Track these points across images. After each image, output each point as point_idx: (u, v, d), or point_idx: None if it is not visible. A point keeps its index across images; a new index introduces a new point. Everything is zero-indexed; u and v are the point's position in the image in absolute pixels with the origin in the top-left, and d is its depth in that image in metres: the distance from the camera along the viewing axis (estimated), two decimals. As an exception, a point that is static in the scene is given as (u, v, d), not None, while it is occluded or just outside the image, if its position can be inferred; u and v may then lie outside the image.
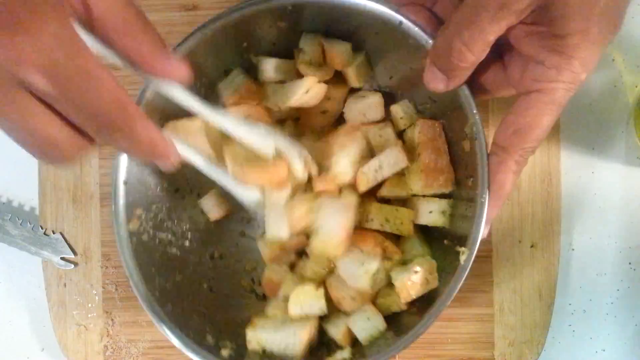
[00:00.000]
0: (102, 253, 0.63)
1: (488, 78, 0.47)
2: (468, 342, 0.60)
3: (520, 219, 0.60)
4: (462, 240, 0.49)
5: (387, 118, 0.57)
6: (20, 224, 0.64)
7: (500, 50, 0.45)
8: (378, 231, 0.54)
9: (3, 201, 0.65)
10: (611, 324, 0.61)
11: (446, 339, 0.61)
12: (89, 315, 0.63)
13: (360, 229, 0.54)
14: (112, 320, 0.63)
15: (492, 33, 0.40)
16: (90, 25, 0.35)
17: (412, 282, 0.51)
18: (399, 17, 0.49)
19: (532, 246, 0.60)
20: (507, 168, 0.44)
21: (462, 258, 0.48)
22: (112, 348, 0.63)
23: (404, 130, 0.56)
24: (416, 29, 0.49)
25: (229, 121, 0.47)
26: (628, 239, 0.61)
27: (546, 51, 0.40)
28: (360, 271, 0.51)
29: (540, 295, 0.60)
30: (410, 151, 0.53)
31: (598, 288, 0.61)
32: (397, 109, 0.56)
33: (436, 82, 0.45)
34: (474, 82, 0.47)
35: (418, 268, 0.51)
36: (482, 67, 0.45)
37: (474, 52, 0.41)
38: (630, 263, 0.61)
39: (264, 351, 0.53)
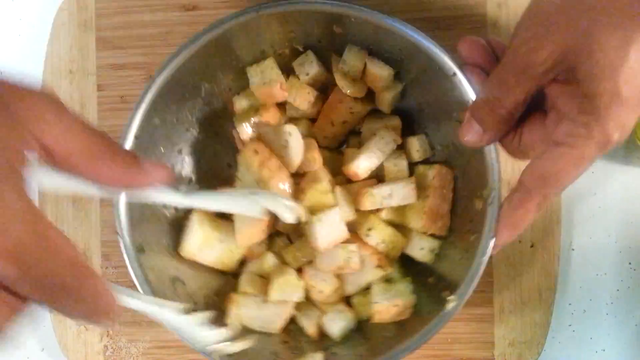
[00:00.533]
0: (102, 253, 0.63)
1: (529, 136, 0.47)
2: (468, 342, 0.60)
3: (520, 219, 0.60)
4: (449, 284, 0.52)
5: (402, 149, 0.58)
6: (20, 224, 0.64)
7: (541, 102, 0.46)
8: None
9: (3, 201, 0.65)
10: (611, 324, 0.61)
11: (446, 339, 0.61)
12: (89, 315, 0.63)
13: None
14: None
15: (520, 93, 0.42)
16: (56, 164, 0.34)
17: (388, 311, 0.54)
18: (454, 68, 0.50)
19: (532, 246, 0.60)
20: (528, 207, 0.46)
21: (450, 305, 0.50)
22: (112, 348, 0.63)
23: (416, 163, 0.57)
24: (466, 83, 0.49)
25: (210, 200, 0.49)
26: (628, 239, 0.61)
27: (578, 110, 0.41)
28: (339, 250, 0.54)
29: (540, 295, 0.60)
30: (418, 187, 0.55)
31: (598, 288, 0.61)
32: (413, 142, 0.57)
33: (472, 134, 0.46)
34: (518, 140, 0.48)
35: (399, 302, 0.54)
36: (525, 126, 0.46)
37: (507, 108, 0.43)
38: (630, 263, 0.61)
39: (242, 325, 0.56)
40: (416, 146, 0.57)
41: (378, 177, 0.57)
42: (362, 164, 0.55)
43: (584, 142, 0.41)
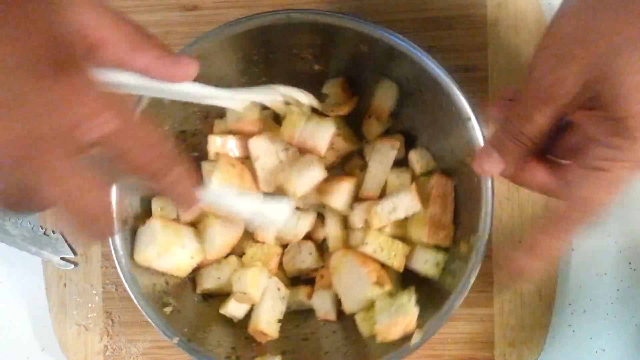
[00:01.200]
0: (102, 253, 0.63)
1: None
2: (468, 342, 0.60)
3: (520, 219, 0.60)
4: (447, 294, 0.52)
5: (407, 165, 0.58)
6: (20, 224, 0.64)
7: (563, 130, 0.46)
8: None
9: (3, 201, 0.65)
10: (611, 324, 0.61)
11: (446, 339, 0.61)
12: (89, 315, 0.63)
13: (364, 254, 0.56)
14: (112, 320, 0.63)
15: (544, 122, 0.42)
16: (102, 61, 0.37)
17: (389, 330, 0.52)
18: (469, 113, 0.50)
19: (532, 246, 0.60)
20: (548, 246, 0.44)
21: (414, 341, 0.51)
22: (112, 348, 0.63)
23: (419, 176, 0.57)
24: (477, 127, 0.49)
25: (238, 94, 0.51)
26: (628, 239, 0.61)
27: (608, 134, 0.41)
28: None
29: (540, 295, 0.60)
30: (421, 197, 0.55)
31: (598, 288, 0.61)
32: (413, 155, 0.57)
33: (490, 163, 0.45)
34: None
35: (400, 320, 0.52)
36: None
37: (528, 135, 0.43)
38: (630, 263, 0.61)
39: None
40: (416, 157, 0.57)
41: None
42: (369, 186, 0.57)
43: (619, 164, 0.41)
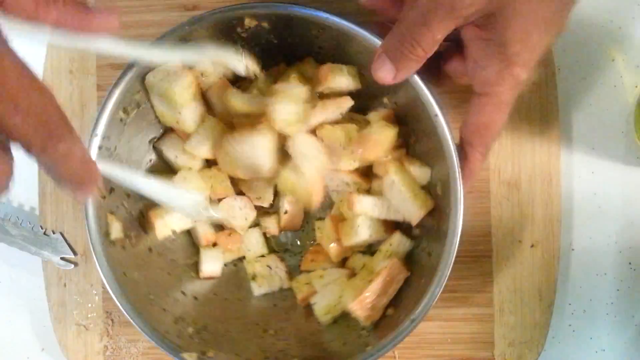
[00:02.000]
0: (102, 253, 0.63)
1: (450, 66, 0.50)
2: (468, 342, 0.60)
3: (520, 219, 0.60)
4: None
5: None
6: (20, 224, 0.64)
7: (460, 44, 0.48)
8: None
9: (3, 201, 0.65)
10: (611, 324, 0.61)
11: (446, 339, 0.61)
12: (89, 315, 0.63)
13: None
14: (112, 320, 0.63)
15: (439, 32, 0.44)
16: (11, 14, 0.38)
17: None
18: (436, 110, 0.49)
19: (532, 246, 0.60)
20: (474, 158, 0.49)
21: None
22: (112, 348, 0.63)
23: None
24: (445, 125, 0.49)
25: (163, 53, 0.50)
26: (628, 239, 0.61)
27: (489, 57, 0.44)
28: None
29: (540, 295, 0.60)
30: (367, 270, 0.55)
31: (598, 288, 0.61)
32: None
33: (384, 72, 0.47)
34: (439, 69, 0.50)
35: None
36: (446, 56, 0.49)
37: (423, 47, 0.45)
38: (630, 263, 0.61)
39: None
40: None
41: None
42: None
43: (499, 89, 0.45)
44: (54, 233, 0.63)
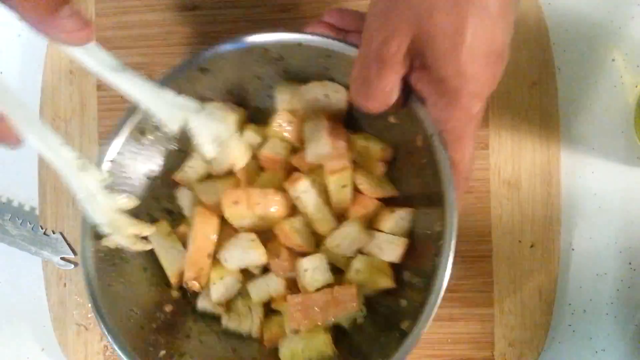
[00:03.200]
0: (102, 253, 0.63)
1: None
2: (468, 342, 0.60)
3: (520, 219, 0.60)
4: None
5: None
6: (20, 224, 0.64)
7: None
8: None
9: (3, 201, 0.65)
10: (611, 324, 0.61)
11: (446, 339, 0.61)
12: (89, 315, 0.63)
13: None
14: (112, 320, 0.63)
15: (385, 85, 0.42)
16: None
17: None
18: (433, 130, 0.46)
19: (532, 246, 0.60)
20: (459, 186, 0.46)
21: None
22: (112, 348, 0.63)
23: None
24: (443, 151, 0.45)
25: (135, 85, 0.45)
26: (628, 239, 0.61)
27: (435, 94, 0.42)
28: None
29: (540, 295, 0.60)
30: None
31: (598, 288, 0.61)
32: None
33: (363, 105, 0.45)
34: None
35: None
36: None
37: (378, 100, 0.44)
38: (630, 263, 0.61)
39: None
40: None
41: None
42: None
43: (452, 124, 0.43)
44: (54, 233, 0.63)
